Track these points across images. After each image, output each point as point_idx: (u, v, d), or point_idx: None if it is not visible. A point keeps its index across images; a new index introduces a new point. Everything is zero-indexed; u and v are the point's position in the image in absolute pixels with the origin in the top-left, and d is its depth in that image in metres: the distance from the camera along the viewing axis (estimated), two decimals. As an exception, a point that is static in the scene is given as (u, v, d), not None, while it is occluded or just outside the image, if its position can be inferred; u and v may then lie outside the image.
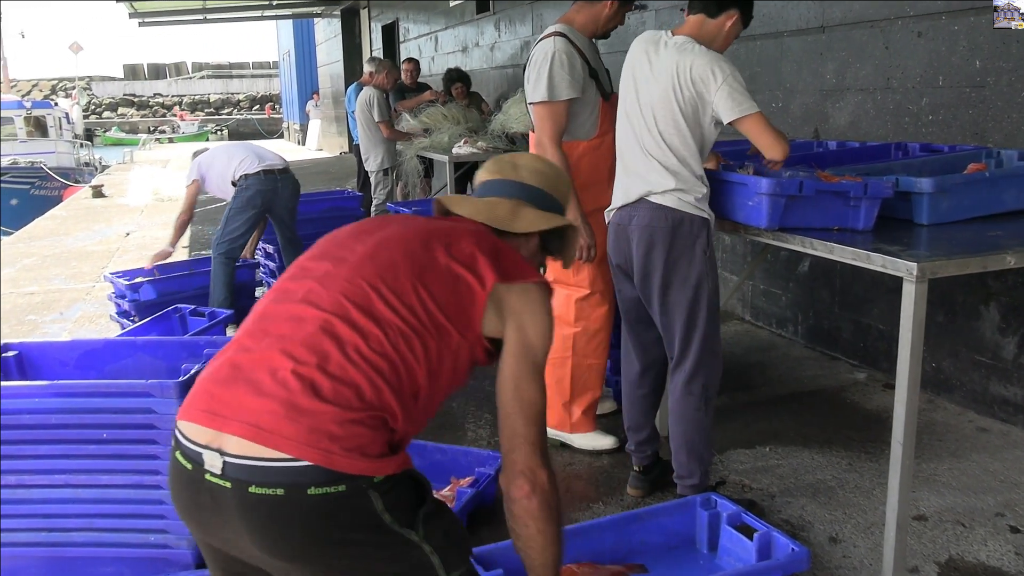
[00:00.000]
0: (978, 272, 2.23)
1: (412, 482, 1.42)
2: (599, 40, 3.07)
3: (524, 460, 1.49)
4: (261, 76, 48.21)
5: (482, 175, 1.78)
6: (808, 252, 2.43)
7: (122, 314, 4.65)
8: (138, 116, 44.37)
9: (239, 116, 42.26)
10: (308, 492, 1.30)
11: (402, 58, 9.96)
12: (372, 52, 13.91)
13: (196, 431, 1.38)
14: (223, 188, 4.89)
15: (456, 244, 1.54)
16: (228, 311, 4.31)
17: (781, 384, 3.90)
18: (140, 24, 15.72)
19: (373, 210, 6.90)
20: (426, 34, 10.79)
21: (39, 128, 20.82)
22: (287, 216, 5.06)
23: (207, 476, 1.34)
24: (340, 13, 16.45)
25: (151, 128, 39.62)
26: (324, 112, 20.38)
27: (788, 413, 3.52)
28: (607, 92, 3.00)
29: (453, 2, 9.35)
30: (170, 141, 33.42)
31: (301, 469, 1.30)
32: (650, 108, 2.51)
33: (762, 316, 4.74)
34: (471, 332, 1.49)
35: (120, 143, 31.75)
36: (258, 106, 44.73)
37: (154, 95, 47.62)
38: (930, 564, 2.42)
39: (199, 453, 1.35)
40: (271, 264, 5.67)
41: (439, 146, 6.55)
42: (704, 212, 2.51)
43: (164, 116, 43.70)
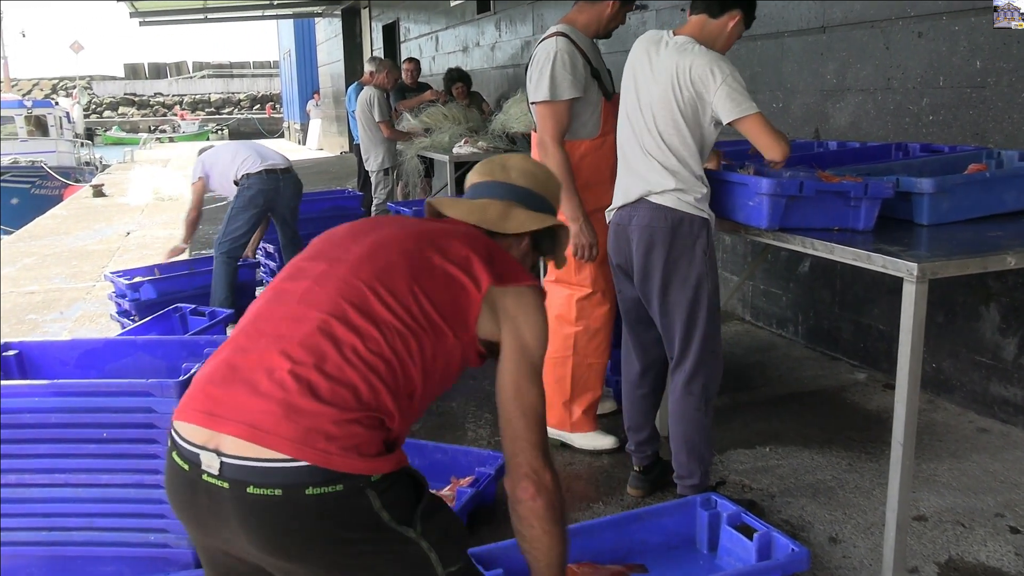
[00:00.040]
0: (978, 273, 2.23)
1: (409, 480, 1.43)
2: (600, 40, 3.07)
3: (528, 462, 1.50)
4: (262, 76, 48.23)
5: (472, 177, 1.80)
6: (808, 252, 2.43)
7: (122, 313, 4.65)
8: (139, 115, 44.39)
9: (240, 116, 42.29)
10: (306, 492, 1.31)
11: (403, 58, 9.96)
12: (373, 52, 13.91)
13: (192, 431, 1.37)
14: (225, 186, 4.91)
15: (451, 246, 1.55)
16: (228, 310, 4.31)
17: (781, 384, 3.90)
18: (141, 24, 15.73)
19: (374, 209, 6.90)
20: (427, 34, 10.79)
21: (40, 127, 20.84)
22: (289, 216, 5.06)
23: (204, 477, 1.34)
24: (341, 13, 16.46)
25: (152, 127, 39.65)
26: (325, 112, 20.39)
27: (788, 413, 3.52)
28: (609, 92, 3.00)
29: (454, 2, 9.35)
30: (171, 140, 33.43)
31: (299, 469, 1.31)
32: (650, 108, 2.51)
33: (762, 316, 4.74)
34: (466, 334, 1.50)
35: (121, 142, 31.79)
36: (259, 106, 44.75)
37: (155, 94, 47.64)
38: (930, 564, 2.42)
39: (196, 454, 1.35)
40: (271, 264, 5.67)
41: (440, 146, 6.55)
42: (704, 212, 2.51)
43: (165, 115, 43.73)
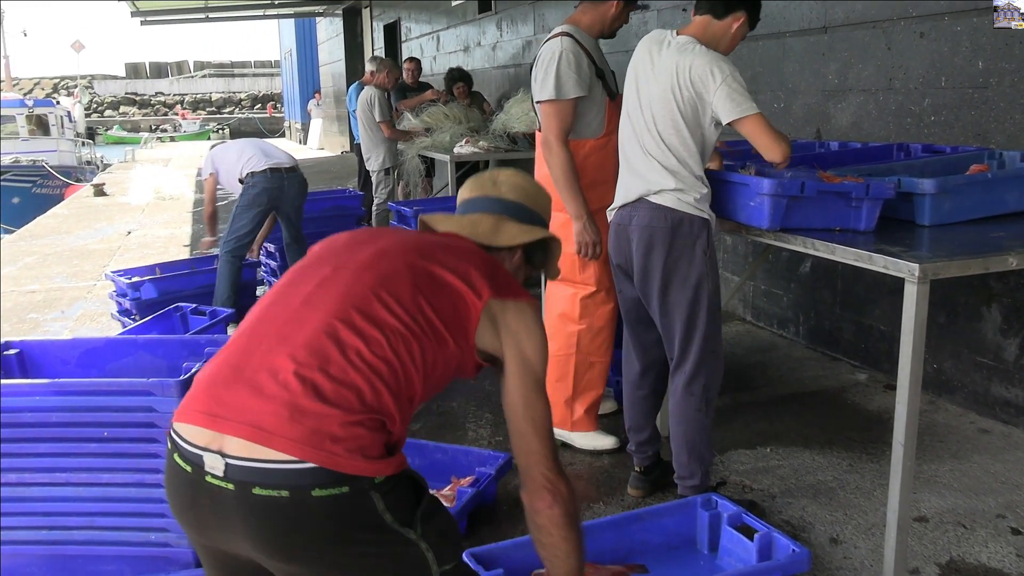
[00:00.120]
0: (980, 273, 2.23)
1: (410, 482, 1.44)
2: (601, 40, 3.08)
3: (543, 474, 1.54)
4: (263, 75, 48.20)
5: (463, 193, 1.82)
6: (810, 253, 2.43)
7: (123, 312, 4.65)
8: (140, 115, 44.39)
9: (241, 115, 42.28)
10: (312, 493, 1.31)
11: (404, 57, 9.96)
12: (374, 51, 13.91)
13: (195, 433, 1.37)
14: (232, 184, 4.94)
15: (450, 257, 1.57)
16: (229, 310, 4.31)
17: (782, 385, 3.90)
18: (142, 23, 15.74)
19: (374, 209, 6.90)
20: (428, 33, 10.79)
21: (41, 126, 20.84)
22: (293, 215, 5.06)
23: (208, 478, 1.34)
24: (342, 12, 16.46)
25: (153, 127, 39.65)
26: (326, 111, 20.40)
27: (789, 414, 3.52)
28: (613, 92, 3.01)
29: (455, 2, 9.35)
30: (172, 140, 33.46)
31: (305, 471, 1.31)
32: (650, 108, 2.51)
33: (763, 316, 4.74)
34: (466, 343, 1.52)
35: (122, 142, 31.80)
36: (260, 105, 44.74)
37: (156, 94, 47.63)
38: (931, 565, 2.42)
39: (199, 455, 1.35)
40: (272, 263, 5.67)
41: (440, 145, 6.55)
42: (704, 212, 2.50)
43: (166, 115, 43.74)
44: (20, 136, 20.35)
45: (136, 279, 4.64)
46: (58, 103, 24.26)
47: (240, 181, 4.83)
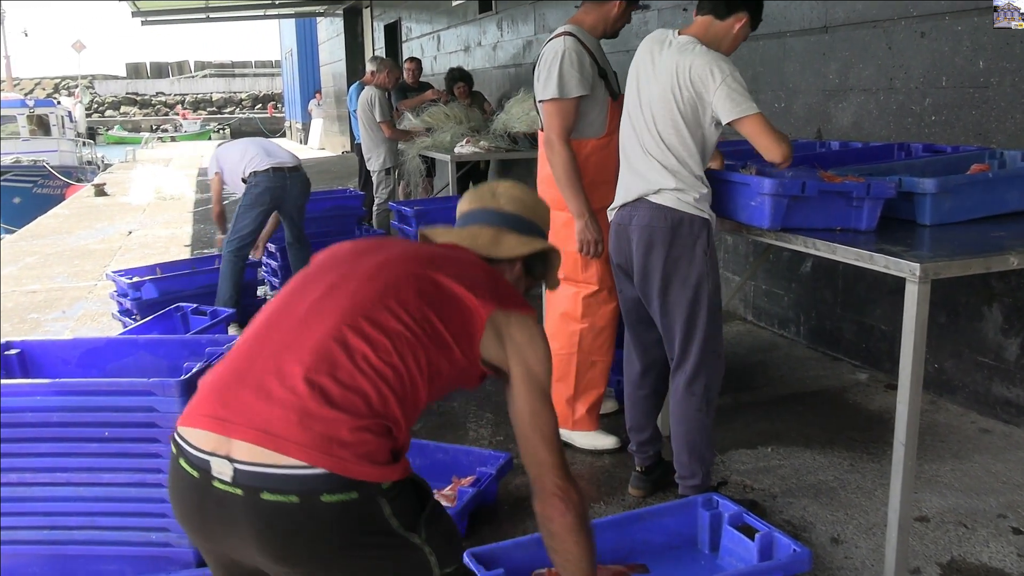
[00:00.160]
0: (981, 273, 2.23)
1: (414, 487, 1.45)
2: (602, 40, 3.09)
3: (555, 483, 1.57)
4: (263, 75, 48.21)
5: (462, 206, 1.83)
6: (810, 252, 2.43)
7: (124, 312, 4.65)
8: (140, 115, 44.40)
9: (241, 115, 42.28)
10: (321, 499, 1.32)
11: (404, 57, 9.96)
12: (374, 51, 13.92)
13: (201, 437, 1.37)
14: (235, 183, 4.95)
15: (455, 268, 1.58)
16: (230, 310, 4.31)
17: (783, 384, 3.89)
18: (143, 23, 15.75)
19: (375, 209, 6.89)
20: (428, 33, 10.79)
21: (42, 126, 20.85)
22: (296, 214, 5.07)
23: (215, 483, 1.34)
24: (343, 12, 16.46)
25: (153, 127, 39.68)
26: (326, 111, 20.40)
27: (790, 413, 3.52)
28: (616, 92, 3.01)
29: (455, 1, 9.34)
30: (172, 140, 33.48)
31: (315, 476, 1.31)
32: (650, 107, 2.51)
33: (764, 316, 4.74)
34: (471, 352, 1.53)
35: (122, 142, 31.82)
36: (260, 105, 44.75)
37: (156, 94, 47.64)
38: (932, 565, 2.42)
39: (206, 460, 1.35)
40: (273, 263, 5.67)
41: (441, 145, 6.54)
42: (704, 212, 2.50)
43: (166, 115, 43.74)
44: (21, 136, 20.36)
45: (137, 279, 4.64)
46: (59, 103, 24.26)
47: (243, 180, 4.84)
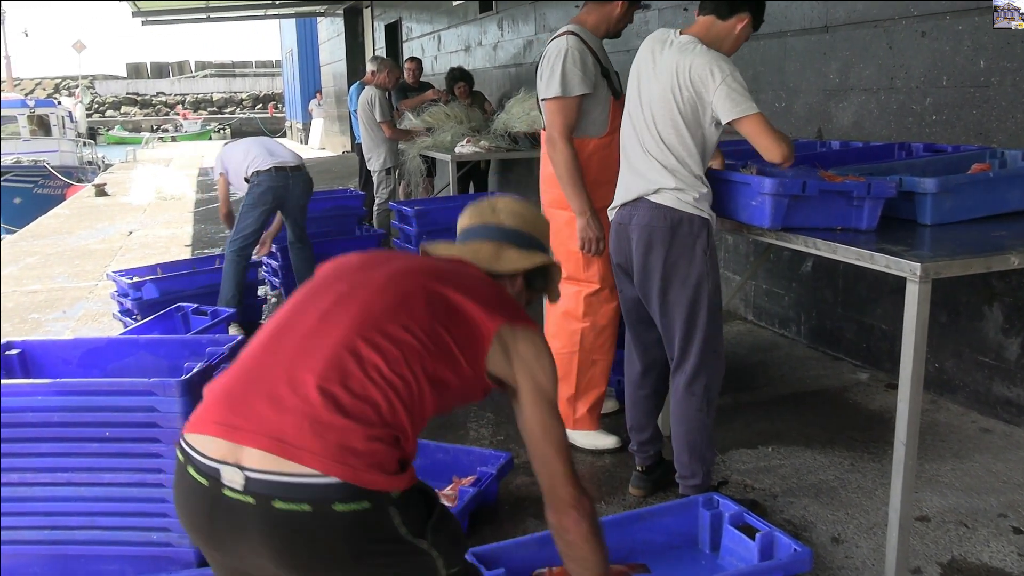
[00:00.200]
0: (982, 272, 2.23)
1: (421, 495, 1.46)
2: (604, 40, 3.09)
3: (569, 494, 1.59)
4: (264, 75, 48.20)
5: (463, 221, 1.85)
6: (811, 252, 2.43)
7: (125, 312, 4.65)
8: (141, 115, 44.41)
9: (242, 115, 42.29)
10: (334, 508, 1.32)
11: (405, 57, 9.96)
12: (375, 51, 13.91)
13: (211, 444, 1.37)
14: (239, 183, 4.96)
15: (462, 282, 1.60)
16: (231, 310, 4.31)
17: (784, 384, 3.89)
18: (143, 23, 15.73)
19: (376, 209, 6.89)
20: (429, 33, 10.79)
21: (42, 127, 20.85)
22: (298, 214, 5.07)
23: (226, 492, 1.34)
24: (343, 12, 16.46)
25: (154, 127, 39.69)
26: (327, 111, 20.39)
27: (791, 413, 3.52)
28: (618, 91, 3.01)
29: (456, 1, 9.34)
30: (173, 140, 33.48)
31: (328, 485, 1.32)
32: (650, 107, 2.51)
33: (765, 316, 4.74)
34: (478, 366, 1.54)
35: (123, 142, 31.82)
36: (261, 105, 44.75)
37: (157, 94, 47.65)
38: (933, 565, 2.42)
39: (216, 468, 1.35)
40: (273, 263, 5.67)
41: (442, 145, 6.54)
42: (704, 212, 2.50)
43: (167, 115, 43.75)
44: (21, 136, 20.36)
45: (137, 279, 4.64)
46: (59, 103, 24.27)
47: (246, 180, 4.85)
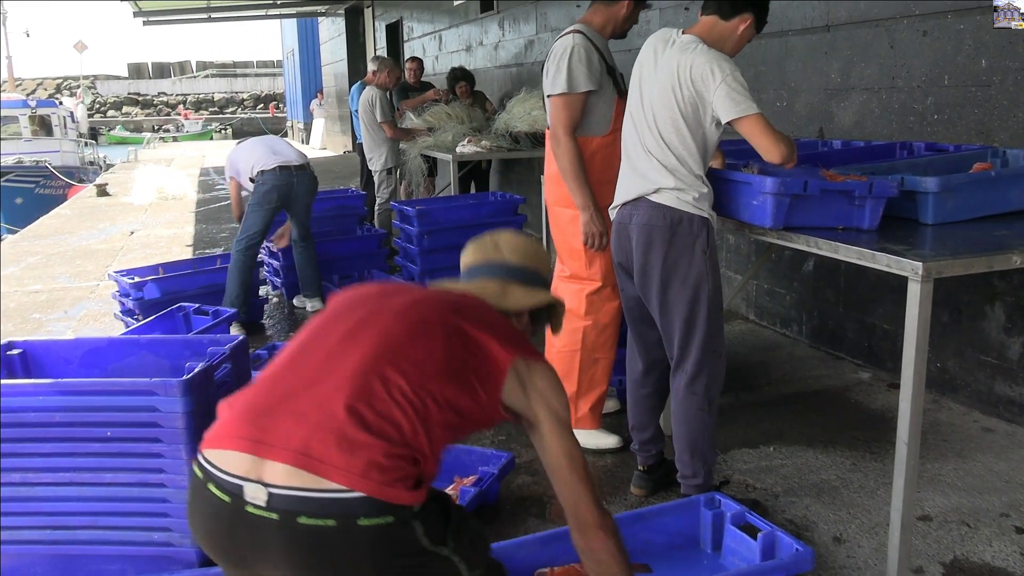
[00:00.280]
0: (983, 272, 2.22)
1: (437, 502, 1.47)
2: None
3: (594, 515, 1.63)
4: (265, 75, 48.24)
5: (466, 258, 1.88)
6: (813, 251, 2.42)
7: (126, 312, 4.66)
8: (142, 115, 44.46)
9: (243, 115, 42.32)
10: (359, 523, 1.33)
11: (406, 57, 9.96)
12: (376, 51, 13.91)
13: (233, 460, 1.37)
14: (246, 184, 4.98)
15: (478, 315, 1.63)
16: (232, 309, 4.31)
17: (785, 384, 3.89)
18: (144, 23, 15.75)
19: (377, 209, 6.89)
20: (430, 33, 10.79)
21: (44, 127, 20.86)
22: (303, 212, 5.09)
23: (248, 508, 1.34)
24: (344, 12, 16.46)
25: (155, 127, 39.75)
26: (328, 111, 20.40)
27: (792, 413, 3.51)
28: (623, 90, 3.02)
29: (457, 1, 9.34)
30: (174, 140, 33.53)
31: (353, 500, 1.33)
32: (651, 106, 2.51)
33: (766, 315, 4.73)
34: (495, 396, 1.57)
35: (124, 142, 31.82)
36: (262, 105, 44.80)
37: (158, 94, 47.70)
38: (935, 564, 2.42)
39: (238, 485, 1.35)
40: (275, 263, 5.67)
41: (443, 145, 6.54)
42: (704, 212, 2.49)
43: (168, 115, 43.80)
44: (23, 137, 20.37)
45: (139, 279, 4.64)
46: (61, 103, 24.32)
47: (251, 180, 4.86)
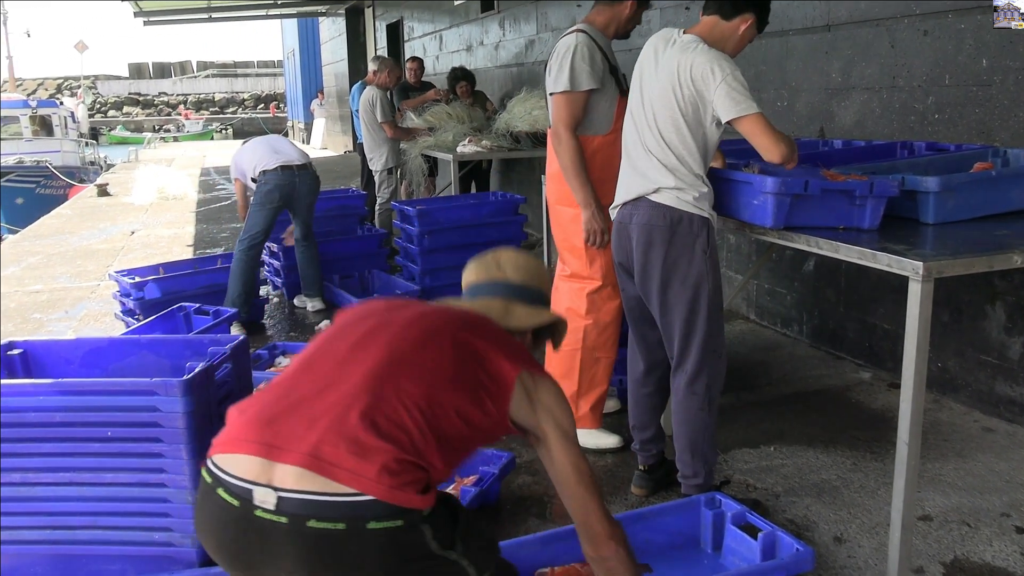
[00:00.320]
0: (984, 272, 2.22)
1: (445, 505, 1.48)
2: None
3: (604, 527, 1.65)
4: (266, 75, 48.24)
5: (468, 277, 1.89)
6: (813, 251, 2.42)
7: (127, 312, 4.66)
8: (143, 115, 44.48)
9: (244, 115, 42.33)
10: (368, 526, 1.33)
11: (406, 57, 9.96)
12: (376, 51, 13.91)
13: (243, 464, 1.38)
14: (250, 184, 4.98)
15: (485, 330, 1.64)
16: (233, 309, 4.31)
17: (786, 383, 3.89)
18: (145, 23, 15.75)
19: (377, 209, 6.89)
20: (431, 33, 10.79)
21: (44, 127, 20.88)
22: (305, 212, 5.09)
23: (257, 512, 1.35)
24: (345, 12, 16.47)
25: (156, 127, 39.78)
26: (328, 111, 20.41)
27: (793, 413, 3.51)
28: (625, 89, 3.02)
29: (458, 1, 9.34)
30: (175, 140, 33.56)
31: (363, 503, 1.33)
32: (651, 105, 2.51)
33: (767, 315, 4.73)
34: (503, 410, 1.58)
35: (125, 142, 31.84)
36: (263, 105, 44.80)
37: (159, 94, 47.71)
38: (935, 564, 2.42)
39: (248, 489, 1.36)
40: (275, 263, 5.67)
41: (443, 145, 6.54)
42: (704, 211, 2.49)
43: (169, 115, 43.81)
44: (24, 137, 20.40)
45: (139, 279, 4.65)
46: (61, 104, 24.34)
47: (253, 180, 4.87)
